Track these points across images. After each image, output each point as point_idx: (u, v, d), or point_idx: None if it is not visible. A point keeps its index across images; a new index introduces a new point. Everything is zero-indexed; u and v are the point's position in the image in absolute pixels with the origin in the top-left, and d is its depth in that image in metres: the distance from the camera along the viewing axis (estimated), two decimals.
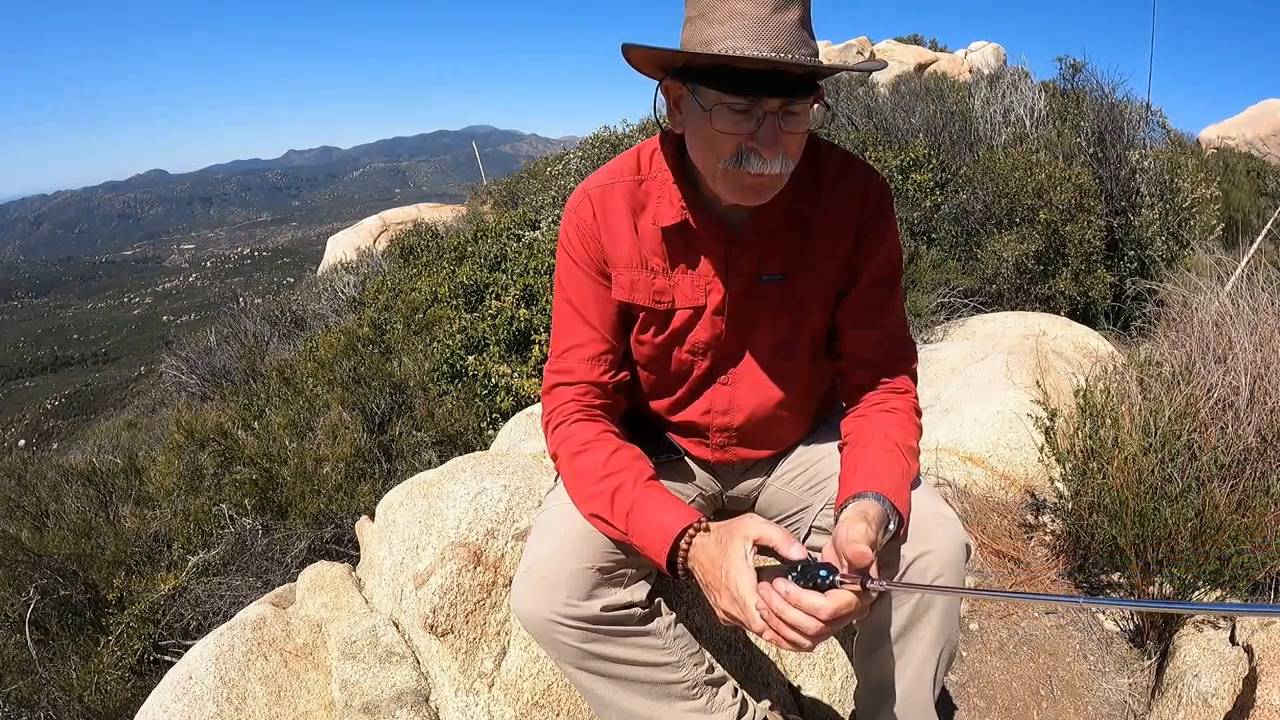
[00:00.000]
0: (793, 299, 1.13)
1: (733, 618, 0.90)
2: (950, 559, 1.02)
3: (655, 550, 0.97)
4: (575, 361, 1.14)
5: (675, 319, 1.14)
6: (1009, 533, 2.05)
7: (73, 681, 2.29)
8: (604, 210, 1.13)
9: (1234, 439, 1.70)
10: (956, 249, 4.39)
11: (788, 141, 0.95)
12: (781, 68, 0.90)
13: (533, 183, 8.24)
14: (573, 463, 1.09)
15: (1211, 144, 11.02)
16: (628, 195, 1.12)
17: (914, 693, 1.10)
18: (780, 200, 1.04)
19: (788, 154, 0.96)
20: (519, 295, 3.74)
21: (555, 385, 1.15)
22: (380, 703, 1.40)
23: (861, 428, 1.11)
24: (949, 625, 1.07)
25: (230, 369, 5.46)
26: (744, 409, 1.20)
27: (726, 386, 1.19)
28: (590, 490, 1.05)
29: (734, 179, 0.97)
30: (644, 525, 0.99)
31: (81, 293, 78.95)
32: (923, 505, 1.05)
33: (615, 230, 1.12)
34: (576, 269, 1.15)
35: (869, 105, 5.97)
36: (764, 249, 1.11)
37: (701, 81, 0.94)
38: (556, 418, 1.13)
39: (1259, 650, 1.41)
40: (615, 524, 1.02)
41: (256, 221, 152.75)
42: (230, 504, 2.95)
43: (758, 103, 0.92)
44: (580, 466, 1.07)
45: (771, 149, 0.94)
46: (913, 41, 13.26)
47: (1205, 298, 2.29)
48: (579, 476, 1.07)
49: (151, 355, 25.63)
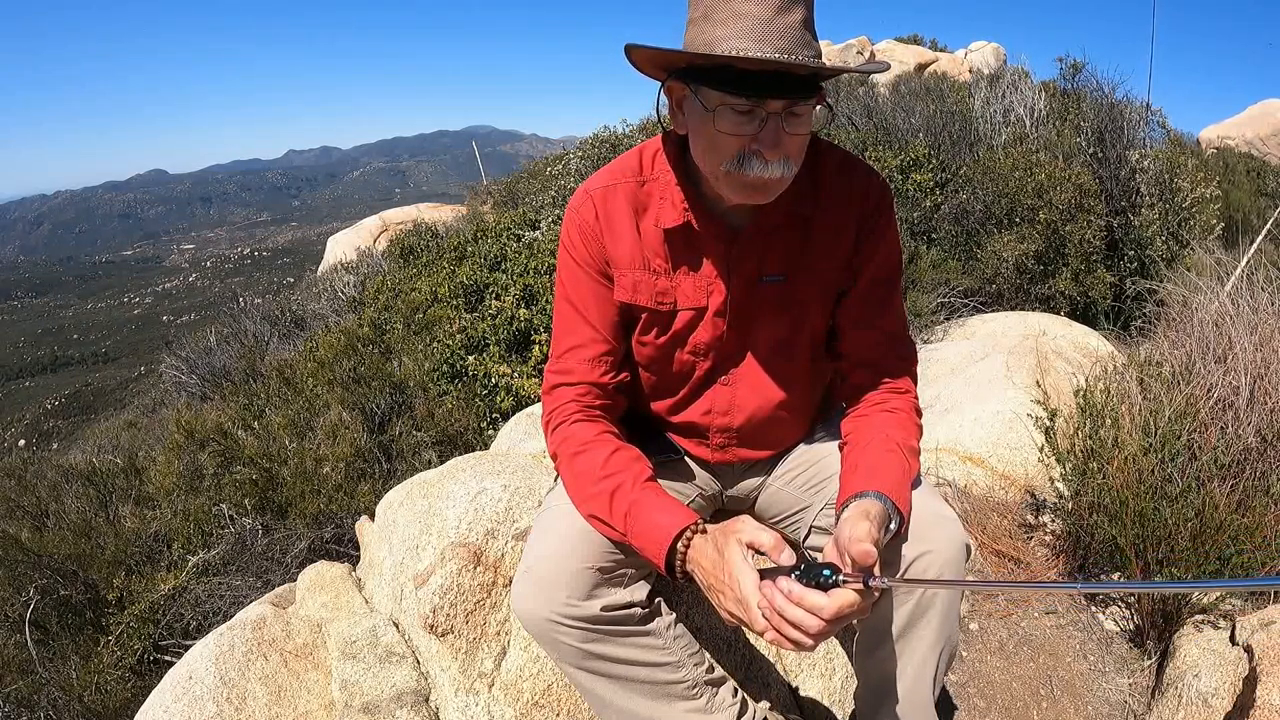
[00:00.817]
0: (793, 299, 1.13)
1: (736, 618, 0.90)
2: (950, 558, 1.02)
3: (653, 552, 0.97)
4: (576, 362, 1.14)
5: (677, 320, 1.14)
6: (1009, 533, 2.05)
7: (73, 681, 2.29)
8: (606, 211, 1.13)
9: (1234, 439, 1.70)
10: (956, 249, 4.39)
11: (790, 143, 0.95)
12: (785, 69, 0.90)
13: (533, 183, 8.23)
14: (572, 463, 1.09)
15: (1211, 144, 11.02)
16: (630, 196, 1.13)
17: (914, 693, 1.10)
18: (781, 201, 1.04)
19: (789, 156, 0.96)
20: (519, 295, 3.74)
21: (556, 385, 1.15)
22: (380, 703, 1.40)
23: (862, 428, 1.11)
24: (949, 625, 1.07)
25: (230, 369, 5.45)
26: (744, 410, 1.20)
27: (727, 387, 1.19)
28: (589, 491, 1.05)
29: (736, 180, 0.98)
30: (642, 526, 0.99)
31: (81, 293, 78.94)
32: (922, 505, 1.05)
33: (617, 231, 1.13)
34: (578, 269, 1.15)
35: (869, 105, 5.97)
36: (765, 250, 1.11)
37: (705, 82, 0.94)
38: (556, 418, 1.13)
39: (1259, 650, 1.41)
40: (614, 525, 1.02)
41: (256, 221, 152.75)
42: (230, 504, 2.95)
43: (761, 104, 0.92)
44: (580, 467, 1.08)
45: (773, 150, 0.94)
46: (913, 41, 13.25)
47: (1205, 298, 2.29)
48: (578, 477, 1.08)
49: (151, 355, 25.62)
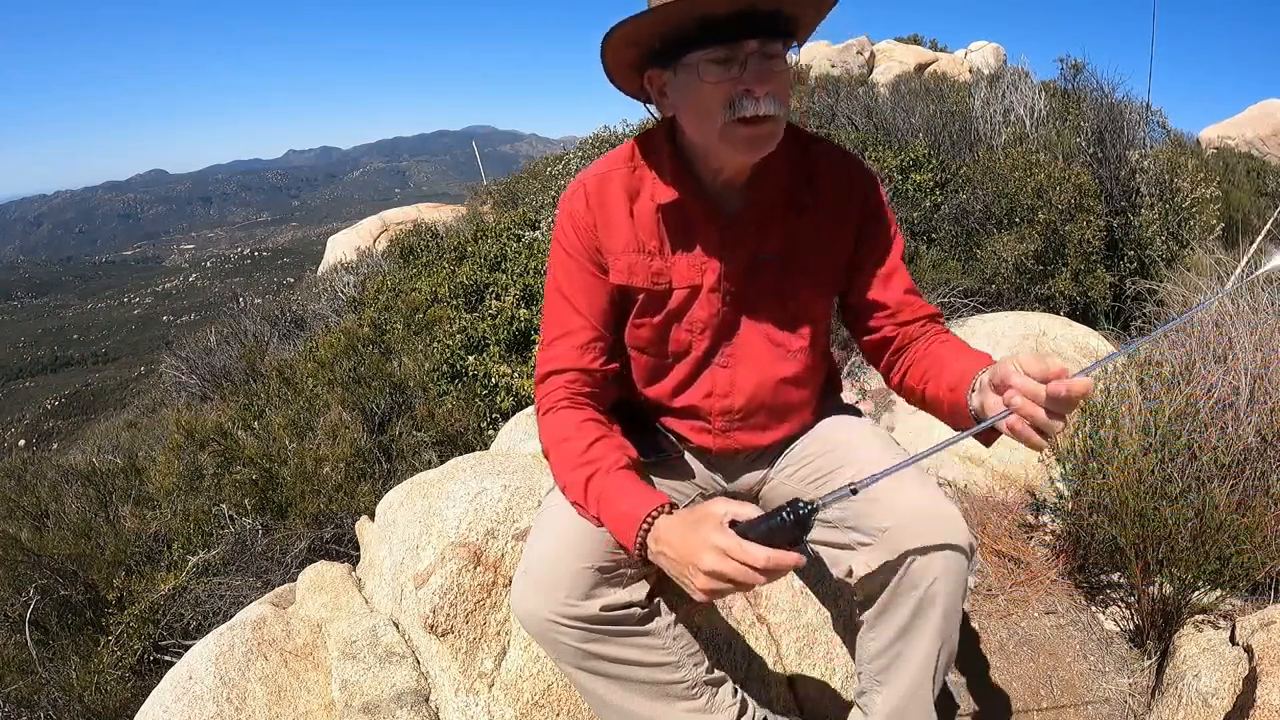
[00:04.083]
0: (789, 280, 1.16)
1: (720, 578, 0.86)
2: (952, 561, 1.02)
3: (624, 537, 0.98)
4: (565, 349, 1.15)
5: (673, 299, 1.16)
6: (1009, 533, 2.05)
7: (73, 681, 2.29)
8: (600, 199, 1.15)
9: (1234, 439, 1.70)
10: (956, 249, 4.38)
11: (774, 81, 0.99)
12: (750, 8, 0.96)
13: (533, 183, 8.23)
14: (557, 450, 1.10)
15: (1211, 144, 11.01)
16: (623, 182, 1.16)
17: (915, 693, 1.09)
18: (777, 186, 1.08)
19: (775, 94, 1.00)
20: (519, 295, 3.74)
21: (546, 374, 1.17)
22: (380, 703, 1.40)
23: (935, 349, 1.14)
24: (950, 624, 1.07)
25: (230, 369, 5.45)
26: (744, 390, 1.21)
27: (726, 369, 1.20)
28: (568, 477, 1.07)
29: (734, 132, 1.01)
30: (612, 513, 1.00)
31: (81, 293, 78.94)
32: (930, 503, 1.05)
33: (611, 217, 1.15)
34: (569, 259, 1.17)
35: (869, 105, 5.97)
36: (761, 230, 1.14)
37: (679, 55, 1.00)
38: (545, 404, 1.15)
39: (1259, 650, 1.41)
40: (589, 511, 1.03)
41: (256, 221, 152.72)
42: (230, 504, 2.95)
43: (737, 47, 0.98)
44: (562, 453, 1.09)
45: (760, 84, 0.98)
46: (913, 41, 13.24)
47: (1205, 298, 2.29)
48: (561, 464, 1.09)
49: (151, 355, 25.62)
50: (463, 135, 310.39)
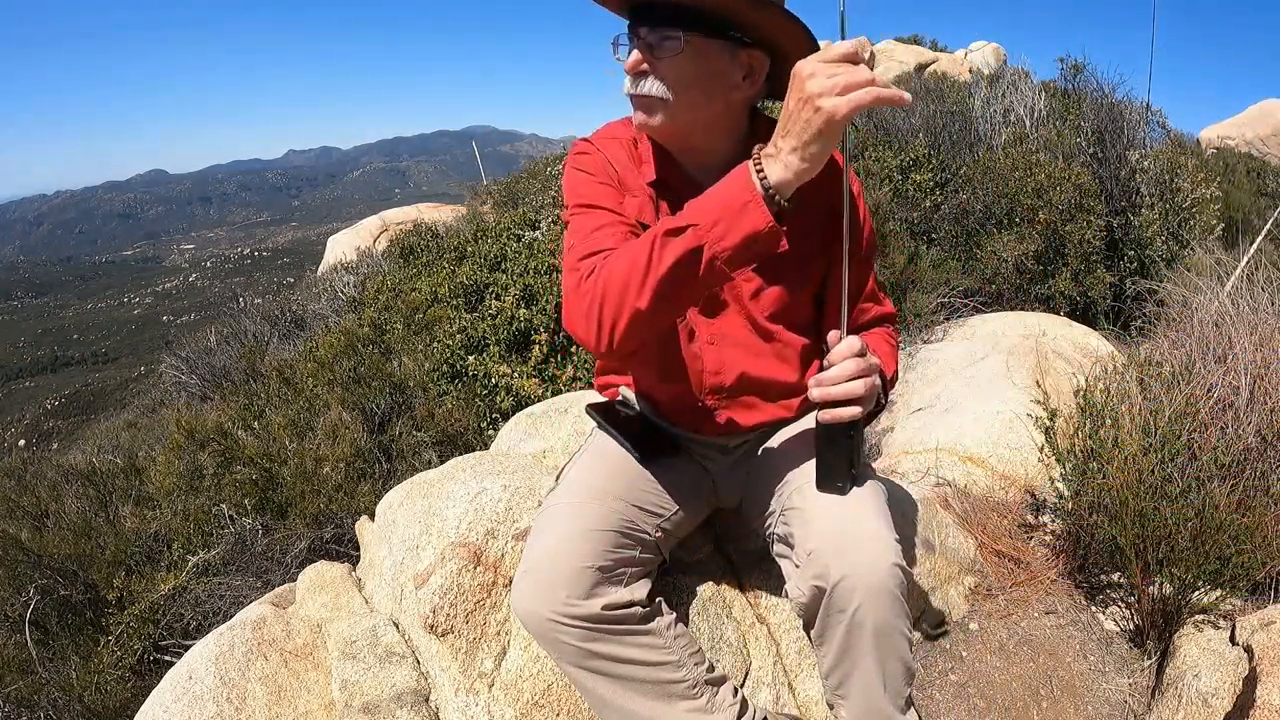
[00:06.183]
0: (771, 260, 1.15)
1: (833, 78, 0.83)
2: (874, 584, 0.99)
3: (736, 193, 0.90)
4: (604, 237, 1.08)
5: None
6: (1009, 533, 2.05)
7: (73, 681, 2.29)
8: (613, 153, 1.20)
9: (1234, 439, 1.70)
10: (956, 249, 4.38)
11: (658, 68, 1.07)
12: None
13: (533, 183, 8.23)
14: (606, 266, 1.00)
15: (1211, 144, 11.02)
16: (627, 148, 1.21)
17: (874, 710, 1.09)
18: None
19: (662, 79, 1.07)
20: (519, 295, 3.73)
21: (587, 254, 1.06)
22: (380, 703, 1.40)
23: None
24: (886, 646, 1.04)
25: (230, 369, 5.45)
26: (734, 367, 1.23)
27: (713, 345, 1.22)
28: (628, 260, 0.97)
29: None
30: (701, 203, 0.93)
31: (81, 293, 78.94)
32: (856, 524, 1.03)
33: (623, 170, 1.19)
34: (591, 179, 1.18)
35: None
36: None
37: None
38: (588, 268, 1.04)
39: (1259, 650, 1.41)
40: (668, 241, 0.92)
41: (256, 221, 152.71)
42: (230, 504, 2.95)
43: (635, 31, 1.08)
44: (612, 263, 1.00)
45: (628, 66, 1.09)
46: (913, 41, 13.23)
47: (1205, 298, 2.29)
48: (616, 267, 0.98)
49: (151, 355, 25.62)
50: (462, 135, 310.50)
